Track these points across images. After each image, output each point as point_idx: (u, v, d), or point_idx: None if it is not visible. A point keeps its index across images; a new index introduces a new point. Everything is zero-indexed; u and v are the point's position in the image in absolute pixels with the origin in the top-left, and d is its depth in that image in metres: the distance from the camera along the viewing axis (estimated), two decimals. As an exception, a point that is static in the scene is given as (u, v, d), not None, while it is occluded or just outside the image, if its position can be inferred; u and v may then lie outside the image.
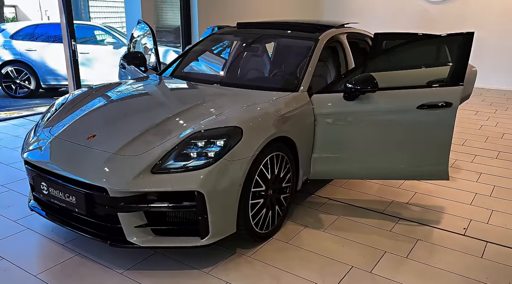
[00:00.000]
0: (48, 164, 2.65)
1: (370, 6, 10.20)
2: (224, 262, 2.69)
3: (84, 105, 3.17)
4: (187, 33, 7.94)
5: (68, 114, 3.08)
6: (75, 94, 3.42)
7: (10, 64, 8.66)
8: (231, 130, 2.61)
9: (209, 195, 2.41)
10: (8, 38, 8.75)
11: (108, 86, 3.53)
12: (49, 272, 2.55)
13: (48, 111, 3.27)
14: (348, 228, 3.15)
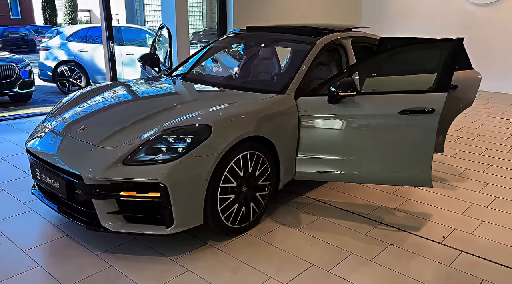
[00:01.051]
0: (40, 151, 2.97)
1: (410, 9, 9.96)
2: (193, 252, 2.87)
3: (85, 101, 3.48)
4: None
5: (69, 109, 3.41)
6: (82, 91, 3.76)
7: (64, 63, 9.41)
8: (200, 128, 2.79)
9: (172, 187, 2.60)
10: (64, 40, 9.51)
11: (111, 85, 3.84)
12: (36, 249, 2.87)
13: (56, 105, 3.63)
14: (323, 229, 3.21)
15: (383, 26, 10.34)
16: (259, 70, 4.15)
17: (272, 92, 3.43)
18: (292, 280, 2.60)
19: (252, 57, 4.27)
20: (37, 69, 9.61)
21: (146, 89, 3.75)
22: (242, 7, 7.97)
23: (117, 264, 2.73)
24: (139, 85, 3.84)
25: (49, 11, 32.43)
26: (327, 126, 3.34)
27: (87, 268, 2.68)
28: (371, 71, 3.50)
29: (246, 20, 7.94)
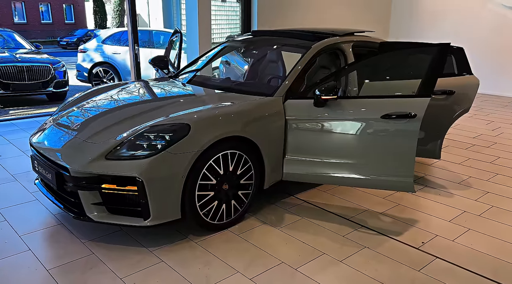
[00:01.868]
0: (37, 145, 3.23)
1: (440, 12, 9.72)
2: (171, 245, 3.02)
3: (87, 100, 3.73)
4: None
5: (72, 107, 3.66)
6: (87, 91, 4.02)
7: (99, 65, 9.89)
8: (179, 126, 2.94)
9: (148, 182, 2.77)
10: (100, 42, 10.00)
11: (113, 86, 4.08)
12: (31, 235, 3.12)
13: (63, 103, 3.90)
14: (303, 229, 3.28)
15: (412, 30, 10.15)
16: (256, 73, 4.27)
17: (262, 95, 3.53)
18: (258, 276, 2.69)
19: (250, 61, 4.39)
20: (75, 70, 10.17)
21: (143, 90, 3.96)
22: (266, 11, 8.09)
23: (99, 252, 2.92)
24: (138, 86, 4.05)
25: (100, 16, 33.99)
26: (313, 129, 3.41)
27: (71, 254, 2.88)
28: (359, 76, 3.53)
29: (270, 24, 8.07)
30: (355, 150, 3.32)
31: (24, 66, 7.88)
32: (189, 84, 4.07)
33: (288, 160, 3.52)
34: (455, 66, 4.11)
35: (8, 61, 7.82)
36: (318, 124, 3.38)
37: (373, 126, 3.23)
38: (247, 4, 8.14)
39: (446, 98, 3.95)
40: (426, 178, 4.35)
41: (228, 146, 3.09)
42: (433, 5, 9.82)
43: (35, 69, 7.99)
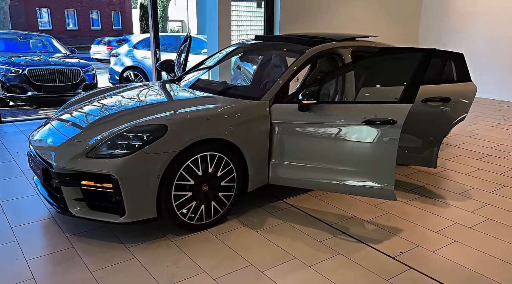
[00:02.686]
0: (32, 142, 3.41)
1: (472, 13, 9.37)
2: (148, 242, 3.10)
3: (85, 101, 3.90)
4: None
5: (70, 107, 3.85)
6: (87, 93, 4.20)
7: (130, 69, 10.26)
8: (157, 127, 3.02)
9: (122, 180, 2.87)
10: (131, 47, 10.37)
11: (113, 88, 4.23)
12: (21, 227, 3.30)
13: (66, 103, 4.10)
14: (282, 233, 3.27)
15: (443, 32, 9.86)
16: (255, 77, 4.31)
17: (250, 98, 3.57)
18: (222, 276, 2.72)
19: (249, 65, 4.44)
20: (108, 73, 10.59)
21: (137, 92, 4.08)
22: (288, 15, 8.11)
23: (79, 246, 3.05)
24: (133, 89, 4.19)
25: (145, 22, 35.10)
26: (297, 133, 3.41)
27: (53, 246, 3.03)
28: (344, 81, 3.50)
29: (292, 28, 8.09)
30: (337, 155, 3.29)
31: (56, 69, 8.31)
32: (185, 87, 4.16)
33: (274, 164, 3.53)
34: (454, 73, 3.98)
35: (41, 65, 8.27)
36: (301, 129, 3.38)
37: (354, 131, 3.20)
38: (269, 8, 8.20)
39: (443, 105, 3.82)
40: (426, 187, 4.21)
41: (207, 147, 3.14)
42: (465, 6, 9.50)
43: (65, 72, 8.41)
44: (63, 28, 34.19)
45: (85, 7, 35.26)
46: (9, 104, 8.48)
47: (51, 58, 8.79)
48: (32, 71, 8.13)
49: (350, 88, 4.00)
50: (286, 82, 3.66)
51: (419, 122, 3.86)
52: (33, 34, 10.36)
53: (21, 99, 8.21)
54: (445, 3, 9.83)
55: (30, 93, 8.09)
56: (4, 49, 9.59)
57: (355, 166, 3.23)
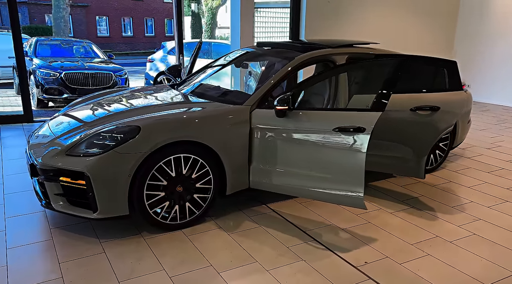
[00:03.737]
0: (30, 140, 3.67)
1: (506, 31, 8.91)
2: (122, 239, 3.24)
3: (82, 103, 4.13)
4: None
5: (69, 108, 4.09)
6: (88, 95, 4.44)
7: (163, 74, 10.60)
8: (130, 128, 3.16)
9: (94, 177, 3.03)
10: (165, 53, 10.75)
11: (112, 91, 4.45)
12: (14, 218, 3.54)
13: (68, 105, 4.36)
14: (253, 237, 3.30)
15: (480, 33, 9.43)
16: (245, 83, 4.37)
17: (234, 103, 3.64)
18: (179, 275, 2.80)
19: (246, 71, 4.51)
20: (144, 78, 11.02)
21: (130, 96, 4.25)
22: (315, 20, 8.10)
23: (57, 238, 3.24)
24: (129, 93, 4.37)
25: (195, 29, 36.10)
26: (274, 139, 3.44)
27: (34, 237, 3.24)
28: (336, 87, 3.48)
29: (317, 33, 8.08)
30: (309, 162, 3.28)
31: (89, 73, 8.78)
32: (179, 91, 4.30)
33: (254, 169, 3.57)
34: (447, 81, 3.83)
35: (75, 69, 8.77)
36: (278, 134, 3.40)
37: (325, 138, 3.18)
38: (295, 13, 8.23)
39: (431, 114, 3.70)
40: (420, 199, 4.08)
41: (180, 149, 3.24)
42: (505, 6, 9.04)
43: (98, 76, 8.86)
44: (120, 35, 35.85)
45: (141, 15, 36.81)
46: (48, 105, 9.05)
47: (87, 63, 9.29)
48: (68, 75, 8.64)
49: (343, 95, 3.98)
50: (271, 88, 3.69)
51: (408, 131, 3.77)
52: (75, 40, 11.00)
53: (57, 100, 8.74)
54: (483, 3, 9.40)
55: (65, 95, 8.60)
56: (50, 54, 10.25)
57: (326, 173, 3.21)
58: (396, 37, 8.80)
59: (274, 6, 15.78)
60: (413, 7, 9.09)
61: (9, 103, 10.06)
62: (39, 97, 8.69)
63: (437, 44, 9.57)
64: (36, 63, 9.06)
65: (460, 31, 9.77)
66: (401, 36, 8.90)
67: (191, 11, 37.61)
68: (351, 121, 3.07)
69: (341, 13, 8.32)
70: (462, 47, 9.74)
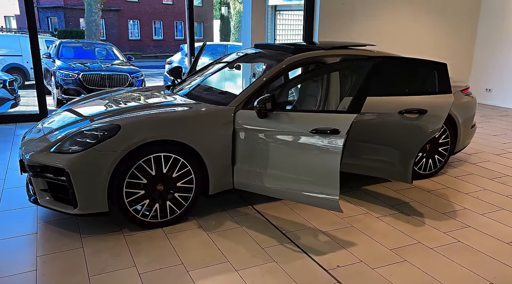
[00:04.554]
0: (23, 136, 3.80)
1: None
2: (103, 235, 3.31)
3: (80, 102, 4.25)
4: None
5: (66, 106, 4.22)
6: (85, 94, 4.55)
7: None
8: (111, 127, 3.23)
9: (73, 174, 3.11)
10: (183, 56, 10.90)
11: (107, 92, 4.56)
12: (6, 212, 3.68)
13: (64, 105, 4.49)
14: (231, 237, 3.31)
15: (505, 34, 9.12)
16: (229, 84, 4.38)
17: (219, 104, 3.67)
18: (148, 272, 2.83)
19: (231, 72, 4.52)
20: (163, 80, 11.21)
21: (125, 95, 4.33)
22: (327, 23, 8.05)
23: (42, 232, 3.34)
24: (125, 93, 4.46)
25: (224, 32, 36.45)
26: (255, 140, 3.44)
27: (21, 230, 3.36)
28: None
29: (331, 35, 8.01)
30: (288, 163, 3.27)
31: (106, 74, 9.01)
32: (172, 92, 4.35)
33: (237, 169, 3.58)
34: (436, 83, 3.73)
35: (93, 70, 9.02)
36: (259, 135, 3.40)
37: (303, 140, 3.16)
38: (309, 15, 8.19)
39: (418, 117, 3.61)
40: (411, 204, 3.98)
41: (160, 148, 3.29)
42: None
43: (115, 77, 9.09)
44: (150, 38, 36.60)
45: (171, 18, 37.48)
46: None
47: (106, 64, 9.53)
48: (86, 76, 8.90)
49: (334, 96, 3.95)
50: (258, 89, 3.69)
51: (395, 134, 3.69)
52: (97, 42, 11.31)
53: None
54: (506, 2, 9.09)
55: (83, 96, 8.84)
56: (73, 56, 10.59)
57: (303, 175, 3.19)
58: (412, 40, 8.63)
59: (297, 8, 15.74)
60: (431, 9, 8.89)
61: (33, 103, 10.43)
62: (58, 97, 8.99)
63: (455, 46, 9.32)
64: (57, 65, 9.36)
65: (481, 34, 9.47)
66: (418, 38, 8.72)
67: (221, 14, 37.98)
68: (328, 123, 3.04)
69: (356, 15, 8.23)
70: (483, 51, 9.44)
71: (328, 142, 3.02)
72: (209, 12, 39.06)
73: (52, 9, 33.45)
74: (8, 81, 7.81)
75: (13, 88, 7.93)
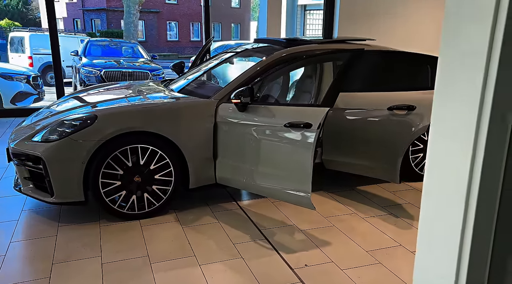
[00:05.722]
0: (15, 127, 3.90)
1: None
2: (79, 224, 3.34)
3: (74, 94, 4.32)
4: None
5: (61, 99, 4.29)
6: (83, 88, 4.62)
7: (204, 74, 10.83)
8: (88, 116, 3.25)
9: (49, 162, 3.14)
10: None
11: (100, 86, 4.60)
12: None
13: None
14: (205, 231, 3.25)
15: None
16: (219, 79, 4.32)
17: (204, 97, 3.62)
18: (111, 262, 2.82)
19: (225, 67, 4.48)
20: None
21: (119, 88, 4.36)
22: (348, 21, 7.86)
23: (23, 219, 3.41)
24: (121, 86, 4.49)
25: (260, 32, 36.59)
26: (234, 133, 3.37)
27: (3, 217, 3.43)
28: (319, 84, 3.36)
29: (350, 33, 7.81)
30: (264, 158, 3.17)
31: (126, 71, 9.19)
32: (165, 86, 4.34)
33: (219, 163, 3.52)
34: (429, 78, 3.51)
35: (114, 67, 9.23)
36: (238, 129, 3.33)
37: (277, 134, 3.06)
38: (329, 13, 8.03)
39: (407, 114, 3.41)
40: (404, 206, 3.78)
41: (136, 140, 3.27)
42: None
43: (135, 74, 9.25)
44: (188, 39, 37.18)
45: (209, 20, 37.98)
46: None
47: (129, 62, 9.73)
48: (107, 73, 9.10)
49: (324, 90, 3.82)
50: (244, 83, 3.61)
51: (384, 131, 3.51)
52: (123, 41, 11.56)
53: (98, 97, 9.26)
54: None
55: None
56: (101, 54, 10.87)
57: (277, 170, 3.09)
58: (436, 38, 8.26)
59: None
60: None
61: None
62: (81, 93, 9.24)
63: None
64: (82, 62, 9.64)
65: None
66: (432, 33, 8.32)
67: (258, 15, 38.10)
68: (301, 117, 2.92)
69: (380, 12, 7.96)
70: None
71: (301, 136, 2.90)
72: (247, 14, 39.28)
73: (95, 11, 34.63)
74: (32, 76, 8.08)
75: (37, 83, 8.21)
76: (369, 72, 3.57)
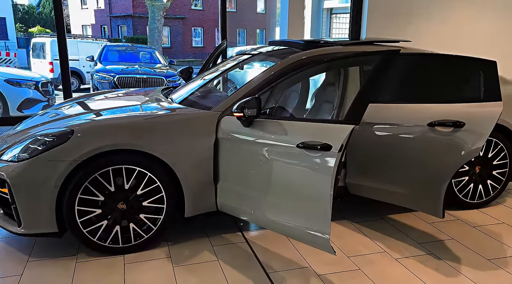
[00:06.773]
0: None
1: None
2: (52, 259, 2.80)
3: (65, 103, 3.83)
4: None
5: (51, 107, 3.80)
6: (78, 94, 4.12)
7: (220, 79, 10.35)
8: (63, 132, 2.70)
9: (14, 186, 2.61)
10: (225, 59, 10.45)
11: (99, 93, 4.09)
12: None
13: (55, 105, 4.08)
14: (200, 273, 2.66)
15: None
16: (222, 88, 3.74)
17: (204, 108, 3.05)
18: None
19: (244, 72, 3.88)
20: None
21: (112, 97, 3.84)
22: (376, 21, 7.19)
23: (-10, 251, 2.90)
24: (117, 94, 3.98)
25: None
26: (238, 152, 2.78)
27: (-32, 248, 2.93)
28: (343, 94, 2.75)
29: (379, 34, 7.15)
30: (274, 185, 2.57)
31: (141, 77, 8.73)
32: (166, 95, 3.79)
33: (220, 188, 2.93)
34: (481, 87, 2.82)
35: (128, 73, 8.79)
36: (243, 147, 2.74)
37: (288, 156, 2.44)
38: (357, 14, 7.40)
39: (453, 132, 2.73)
40: (447, 243, 3.09)
41: (121, 160, 2.72)
42: None
43: (149, 80, 8.79)
44: (212, 45, 36.96)
45: (234, 26, 37.65)
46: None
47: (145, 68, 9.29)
48: (121, 79, 8.68)
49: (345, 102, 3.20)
50: (251, 92, 3.02)
51: (422, 152, 2.84)
52: (141, 47, 11.17)
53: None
54: None
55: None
56: (118, 60, 10.50)
57: (287, 200, 2.47)
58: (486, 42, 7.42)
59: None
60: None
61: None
62: (95, 99, 8.85)
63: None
64: (96, 68, 9.26)
65: None
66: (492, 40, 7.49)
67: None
68: (319, 136, 2.30)
69: (412, 14, 7.24)
70: None
71: (317, 160, 2.27)
72: (272, 19, 38.86)
73: (122, 17, 34.88)
74: (41, 82, 7.70)
75: (47, 89, 7.83)
76: (405, 79, 2.92)
